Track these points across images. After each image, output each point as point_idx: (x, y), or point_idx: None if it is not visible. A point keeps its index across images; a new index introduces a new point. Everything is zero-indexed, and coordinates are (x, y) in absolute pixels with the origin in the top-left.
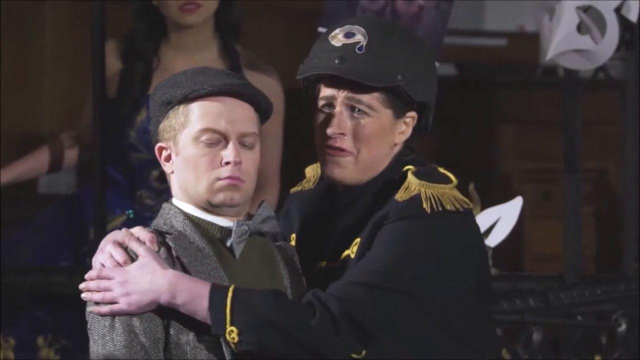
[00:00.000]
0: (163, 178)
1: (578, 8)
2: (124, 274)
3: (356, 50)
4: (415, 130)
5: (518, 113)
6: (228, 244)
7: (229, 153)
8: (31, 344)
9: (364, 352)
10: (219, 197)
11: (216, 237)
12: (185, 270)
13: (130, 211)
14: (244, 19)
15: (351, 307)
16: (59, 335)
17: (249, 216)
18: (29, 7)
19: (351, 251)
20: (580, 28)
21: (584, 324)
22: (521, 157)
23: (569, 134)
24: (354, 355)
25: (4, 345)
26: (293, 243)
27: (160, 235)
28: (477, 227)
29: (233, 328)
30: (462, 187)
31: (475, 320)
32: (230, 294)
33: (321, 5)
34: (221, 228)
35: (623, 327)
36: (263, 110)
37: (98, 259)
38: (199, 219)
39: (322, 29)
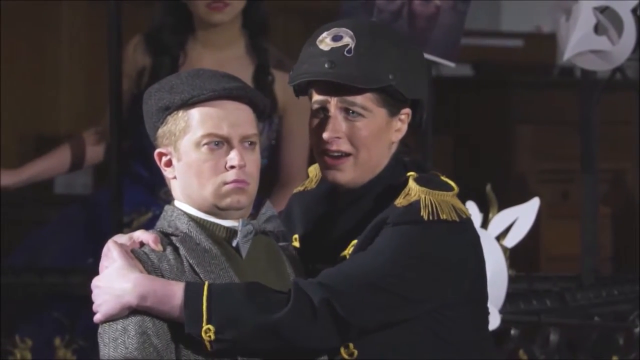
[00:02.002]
0: None
1: (595, 9)
2: (99, 281)
3: (345, 53)
4: (411, 127)
5: (535, 114)
6: (234, 243)
7: (233, 157)
8: (48, 344)
9: (356, 353)
10: (226, 201)
11: (222, 238)
12: (194, 271)
13: (156, 208)
14: None
15: (333, 295)
16: (76, 336)
17: (252, 216)
18: (45, 8)
19: (347, 252)
20: (597, 29)
21: (601, 324)
22: (538, 157)
23: (586, 135)
24: (344, 355)
25: (22, 346)
26: (296, 244)
27: (166, 237)
28: (474, 237)
29: (210, 326)
30: (479, 188)
31: (465, 328)
32: (205, 292)
33: (337, 5)
34: (226, 229)
35: None
36: (261, 110)
37: (101, 264)
38: (204, 220)
39: None
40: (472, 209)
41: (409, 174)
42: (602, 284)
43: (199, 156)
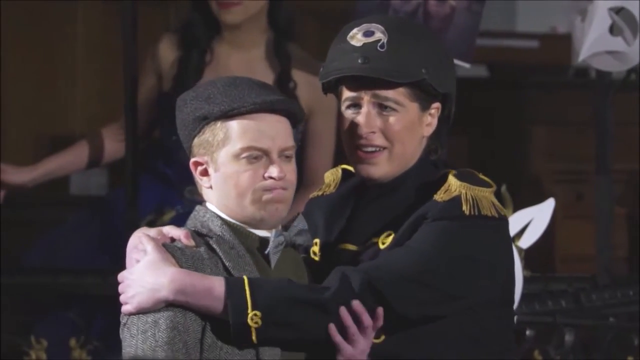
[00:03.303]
0: None
1: (610, 9)
2: (131, 273)
3: (378, 48)
4: (440, 121)
5: (550, 114)
6: (266, 252)
7: (273, 170)
8: (64, 345)
9: (382, 337)
10: (266, 210)
11: (254, 247)
12: (229, 273)
13: (179, 207)
14: None
15: (377, 282)
16: (91, 336)
17: (283, 227)
18: (60, 9)
19: (381, 241)
20: (613, 29)
21: (616, 325)
22: (553, 158)
23: (601, 135)
24: (373, 340)
25: (37, 347)
26: (316, 248)
27: (200, 237)
28: (509, 236)
29: (256, 312)
30: (494, 189)
31: (497, 327)
32: (246, 280)
33: (352, 6)
34: (259, 238)
35: None
36: (298, 120)
37: (129, 256)
38: (238, 226)
39: None
40: None
41: (447, 170)
42: (617, 284)
43: (237, 168)
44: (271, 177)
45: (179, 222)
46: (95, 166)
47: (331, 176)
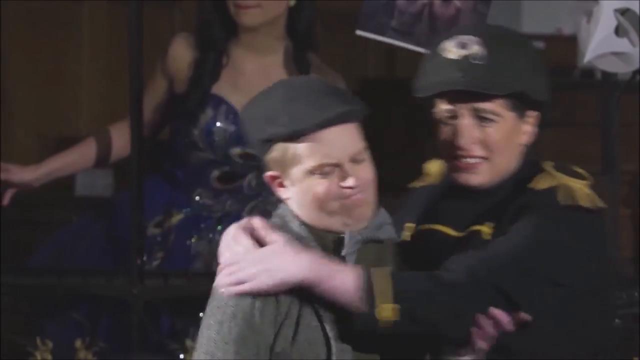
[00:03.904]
0: (224, 179)
1: (616, 10)
2: (255, 255)
3: (475, 60)
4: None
5: (555, 115)
6: (342, 253)
7: (348, 181)
8: (69, 346)
9: None
10: (348, 219)
11: (330, 247)
12: None
13: (188, 209)
14: None
15: (499, 281)
16: (96, 337)
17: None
18: (65, 9)
19: (483, 230)
20: (618, 30)
21: (621, 326)
22: (558, 159)
23: (607, 136)
24: None
25: (42, 348)
26: (407, 233)
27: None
28: (604, 228)
29: (394, 305)
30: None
31: (595, 318)
32: (388, 271)
33: (355, 6)
34: (335, 237)
35: None
36: (363, 115)
37: (227, 246)
38: (314, 226)
39: (360, 32)
40: None
41: (543, 163)
42: (623, 285)
43: (312, 182)
44: (347, 187)
45: (187, 224)
46: (102, 164)
47: (436, 167)
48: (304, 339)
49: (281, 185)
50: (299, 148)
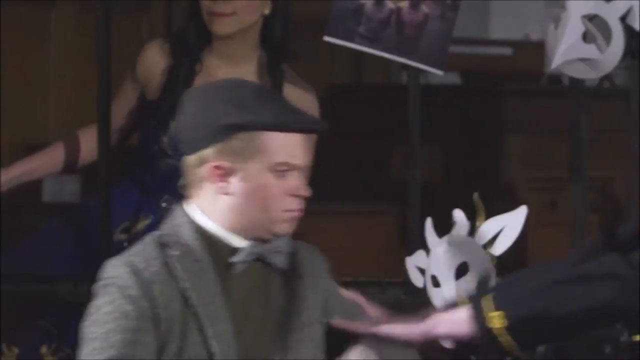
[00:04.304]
0: None
1: (584, 17)
2: None
3: None
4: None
5: (524, 122)
6: (231, 260)
7: (302, 187)
8: (35, 352)
9: None
10: (283, 228)
11: (223, 257)
12: (185, 295)
13: (153, 216)
14: None
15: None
16: (63, 343)
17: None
18: (34, 17)
19: None
20: (586, 37)
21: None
22: (527, 165)
23: (575, 143)
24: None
25: (8, 354)
26: None
27: (164, 252)
28: None
29: (499, 312)
30: (468, 196)
31: None
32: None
33: (323, 14)
34: (232, 248)
35: (626, 335)
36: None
37: None
38: (212, 235)
39: (328, 38)
40: (460, 217)
41: None
42: None
43: (268, 181)
44: (298, 195)
45: (154, 229)
46: (71, 168)
47: None
48: (188, 356)
49: (224, 179)
50: (268, 140)
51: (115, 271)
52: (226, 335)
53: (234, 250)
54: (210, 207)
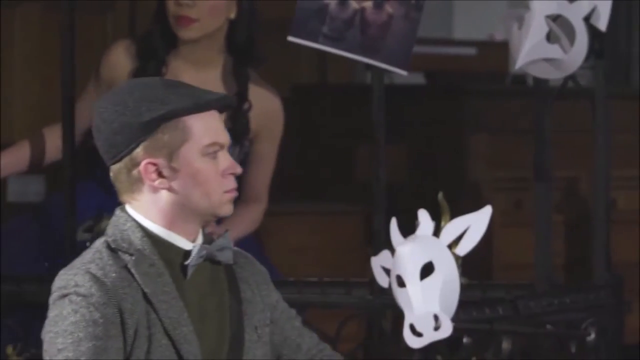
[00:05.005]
0: None
1: (547, 17)
2: None
3: None
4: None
5: (488, 122)
6: (186, 263)
7: (234, 165)
8: (0, 353)
9: None
10: (226, 209)
11: (176, 259)
12: (147, 300)
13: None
14: None
15: None
16: (29, 344)
17: (208, 238)
18: None
19: None
20: (550, 37)
21: (553, 332)
22: (491, 165)
23: (539, 143)
24: None
25: None
26: None
27: (118, 257)
28: None
29: None
30: (432, 196)
31: None
32: None
33: (285, 12)
34: (183, 251)
35: (593, 336)
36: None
37: None
38: (161, 238)
39: (292, 39)
40: (424, 217)
41: None
42: (554, 292)
43: (202, 165)
44: (232, 173)
45: None
46: (36, 167)
47: None
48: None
49: (159, 174)
50: (192, 125)
51: (74, 280)
52: (190, 337)
53: (184, 252)
54: (152, 208)
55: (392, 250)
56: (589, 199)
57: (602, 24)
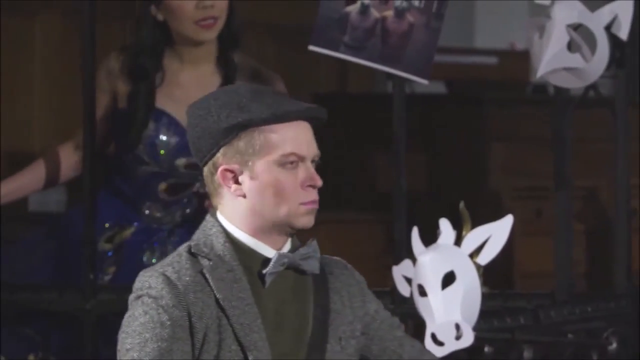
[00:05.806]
0: (171, 190)
1: (568, 26)
2: None
3: None
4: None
5: (509, 131)
6: (264, 271)
7: (314, 177)
8: None
9: None
10: (303, 221)
11: (255, 267)
12: (219, 305)
13: (137, 223)
14: None
15: None
16: (48, 352)
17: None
18: (18, 24)
19: None
20: (571, 46)
21: (574, 342)
22: (512, 174)
23: (560, 152)
24: None
25: None
26: None
27: (197, 262)
28: None
29: None
30: (453, 205)
31: None
32: None
33: (305, 20)
34: (263, 258)
35: (614, 345)
36: (321, 126)
37: None
38: (243, 244)
39: (313, 47)
40: (446, 227)
41: None
42: (575, 301)
43: (278, 175)
44: (311, 186)
45: (138, 238)
46: (53, 185)
47: None
48: None
49: (236, 181)
50: (270, 135)
51: (148, 282)
52: (260, 344)
53: (265, 260)
54: (233, 214)
55: (414, 260)
56: (609, 208)
57: (623, 33)
